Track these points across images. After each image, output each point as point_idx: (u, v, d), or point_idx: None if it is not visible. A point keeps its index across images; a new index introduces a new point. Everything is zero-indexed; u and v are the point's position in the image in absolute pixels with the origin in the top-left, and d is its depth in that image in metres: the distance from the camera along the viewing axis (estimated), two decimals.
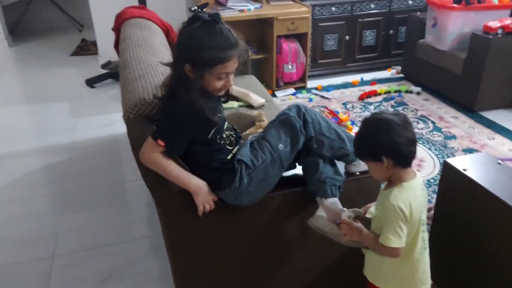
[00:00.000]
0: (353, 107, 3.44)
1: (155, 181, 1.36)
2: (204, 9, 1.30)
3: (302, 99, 3.61)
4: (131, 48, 1.94)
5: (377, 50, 4.10)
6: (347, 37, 3.94)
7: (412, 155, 1.20)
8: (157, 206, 1.44)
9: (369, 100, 3.55)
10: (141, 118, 1.41)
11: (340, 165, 1.51)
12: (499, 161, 1.56)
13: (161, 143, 1.27)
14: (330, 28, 3.87)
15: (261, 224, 1.49)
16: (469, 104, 3.27)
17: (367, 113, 3.31)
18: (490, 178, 1.46)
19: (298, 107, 1.42)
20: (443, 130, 3.04)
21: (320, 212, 1.40)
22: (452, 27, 3.30)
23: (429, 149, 2.80)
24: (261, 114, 2.17)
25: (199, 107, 1.26)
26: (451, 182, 1.58)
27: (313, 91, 3.73)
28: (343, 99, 3.58)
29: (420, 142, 2.88)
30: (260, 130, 2.14)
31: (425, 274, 1.32)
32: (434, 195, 2.25)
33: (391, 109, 3.36)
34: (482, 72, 3.09)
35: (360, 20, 3.92)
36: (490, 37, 3.01)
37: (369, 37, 4.02)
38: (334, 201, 1.41)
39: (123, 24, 2.44)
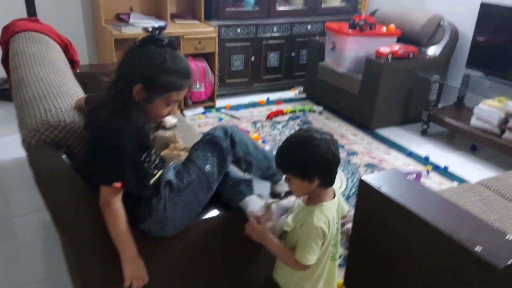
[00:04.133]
0: (262, 126, 3.49)
1: (64, 210, 1.20)
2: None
3: (211, 118, 3.57)
4: (26, 65, 1.72)
5: (281, 71, 4.24)
6: (253, 58, 4.02)
7: (335, 175, 1.23)
8: (67, 242, 1.26)
9: (277, 119, 3.64)
10: (45, 144, 1.24)
11: (265, 186, 1.49)
12: (408, 178, 1.67)
13: (118, 184, 1.16)
14: (236, 49, 3.92)
15: (188, 252, 1.40)
16: (366, 122, 3.52)
17: (276, 132, 3.39)
18: (401, 193, 1.55)
19: (224, 128, 1.39)
20: (345, 147, 3.22)
21: (250, 209, 1.37)
22: (349, 51, 3.55)
23: None
24: (175, 135, 2.08)
25: (142, 128, 1.16)
26: (367, 198, 1.65)
27: (223, 110, 3.72)
28: (252, 118, 3.62)
29: None
30: (176, 152, 2.07)
31: (331, 283, 1.42)
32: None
33: (297, 127, 3.48)
34: (377, 93, 3.37)
35: (264, 42, 4.04)
36: (382, 61, 3.30)
37: (273, 58, 4.15)
38: (251, 199, 1.39)
39: (12, 38, 2.18)
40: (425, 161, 3.05)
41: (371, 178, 1.68)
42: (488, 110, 3.00)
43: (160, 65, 1.19)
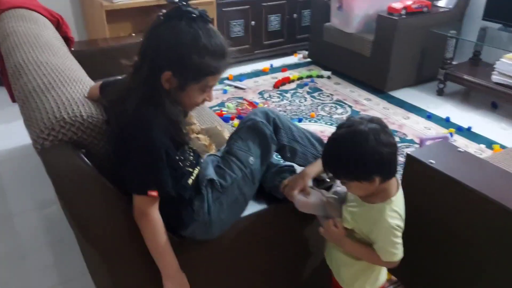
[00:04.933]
0: (270, 96, 3.29)
1: (94, 222, 1.02)
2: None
3: (215, 91, 3.34)
4: (21, 47, 1.49)
5: (283, 35, 4.00)
6: (253, 22, 3.76)
7: (397, 164, 1.08)
8: (98, 256, 1.09)
9: (284, 87, 3.44)
10: (62, 145, 1.04)
11: None
12: (459, 149, 1.52)
13: (154, 193, 0.98)
14: (235, 14, 3.65)
15: (232, 252, 1.25)
16: (379, 85, 3.34)
17: (285, 102, 3.19)
18: (457, 168, 1.40)
19: (265, 111, 1.20)
20: (361, 113, 3.05)
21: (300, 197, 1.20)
22: (358, 9, 3.31)
23: None
24: (190, 116, 1.89)
25: (177, 122, 0.99)
26: (417, 175, 1.50)
27: (226, 81, 3.49)
28: (258, 89, 3.41)
29: None
30: (193, 136, 1.88)
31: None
32: None
33: (307, 96, 3.29)
34: (391, 53, 3.17)
35: (264, 4, 3.77)
36: (396, 18, 3.08)
37: (274, 22, 3.90)
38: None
39: None
40: (446, 123, 2.90)
41: (419, 153, 1.52)
42: (511, 64, 2.83)
43: (193, 45, 0.98)
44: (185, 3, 1.00)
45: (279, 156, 1.30)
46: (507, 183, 1.33)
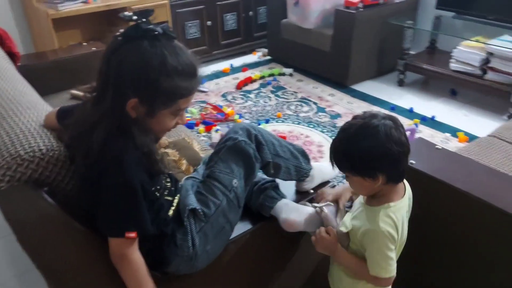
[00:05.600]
0: (233, 98, 3.21)
1: (68, 273, 0.91)
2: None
3: None
4: None
5: (240, 33, 3.91)
6: (209, 22, 3.65)
7: (406, 168, 1.02)
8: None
9: (247, 88, 3.37)
10: (21, 185, 0.92)
11: (289, 185, 1.27)
12: (437, 146, 1.51)
13: (132, 234, 0.88)
14: (190, 15, 3.53)
15: (226, 278, 1.16)
16: (341, 79, 3.34)
17: (250, 103, 3.12)
18: (438, 168, 1.39)
19: (245, 128, 1.12)
20: (326, 110, 3.03)
21: (285, 216, 1.16)
22: (315, 4, 3.28)
23: (322, 132, 2.75)
24: None
25: (150, 152, 0.90)
26: None
27: None
28: (220, 91, 3.31)
29: (311, 126, 2.82)
30: (161, 151, 1.77)
31: None
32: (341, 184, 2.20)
33: (271, 95, 3.23)
34: (350, 47, 3.16)
35: (218, 3, 3.66)
36: (353, 11, 3.08)
37: (230, 20, 3.80)
38: (286, 203, 1.18)
39: None
40: (410, 113, 2.94)
41: None
42: (468, 52, 2.90)
43: (160, 68, 0.88)
44: (144, 20, 0.90)
45: (261, 171, 1.23)
46: (489, 179, 1.33)
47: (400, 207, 1.05)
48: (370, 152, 0.96)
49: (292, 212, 1.15)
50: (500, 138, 1.88)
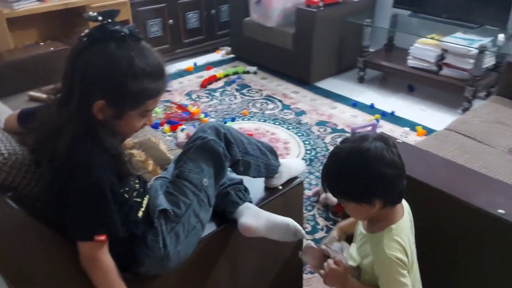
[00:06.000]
0: (198, 96, 3.20)
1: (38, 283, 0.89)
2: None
3: None
4: None
5: (203, 32, 3.89)
6: (171, 21, 3.62)
7: (402, 189, 0.99)
8: None
9: (212, 86, 3.36)
10: None
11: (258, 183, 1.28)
12: (398, 140, 1.57)
13: (101, 237, 0.87)
14: (151, 13, 3.48)
15: (199, 278, 1.17)
16: (304, 77, 3.39)
17: (215, 101, 3.12)
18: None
19: (214, 127, 1.12)
20: (291, 107, 3.07)
21: (243, 220, 1.15)
22: (276, 3, 3.32)
23: (288, 129, 2.79)
24: None
25: (117, 153, 0.90)
26: None
27: None
28: (184, 90, 3.29)
29: (277, 123, 2.85)
30: (127, 151, 1.75)
31: None
32: (312, 176, 2.25)
33: (236, 93, 3.24)
34: (312, 45, 3.22)
35: (180, 1, 3.63)
36: (314, 10, 3.13)
37: (192, 19, 3.78)
38: (248, 207, 1.18)
39: None
40: (371, 109, 3.03)
41: None
42: (424, 49, 3.02)
43: (127, 70, 0.88)
44: (110, 21, 0.89)
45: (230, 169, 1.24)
46: (447, 171, 1.40)
47: (402, 227, 1.02)
48: (363, 178, 0.93)
49: (251, 216, 1.15)
50: (456, 131, 1.97)
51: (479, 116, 2.05)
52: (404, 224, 1.01)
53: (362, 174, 0.92)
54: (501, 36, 2.87)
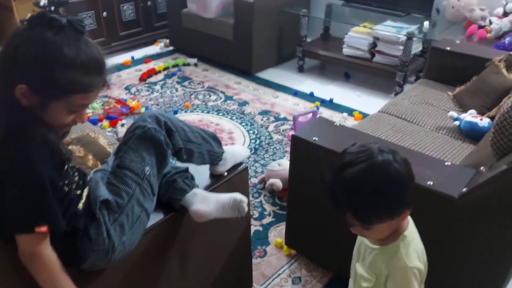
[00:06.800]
0: (138, 90, 3.12)
1: None
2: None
3: None
4: None
5: (140, 24, 3.80)
6: (105, 13, 3.49)
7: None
8: None
9: (151, 79, 3.30)
10: None
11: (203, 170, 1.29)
12: (336, 123, 1.64)
13: (43, 229, 0.85)
14: (83, 5, 3.34)
15: (133, 272, 1.15)
16: (246, 67, 3.42)
17: (156, 94, 3.06)
18: (337, 142, 1.51)
19: (154, 115, 1.11)
20: (234, 98, 3.09)
21: (194, 207, 1.16)
22: None
23: (231, 119, 2.81)
24: None
25: (53, 144, 0.87)
26: (303, 153, 1.58)
27: None
28: (123, 84, 3.20)
29: (221, 114, 2.86)
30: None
31: None
32: (258, 164, 2.29)
33: (178, 85, 3.21)
34: (252, 35, 3.25)
35: None
36: (251, 1, 3.16)
37: (128, 10, 3.67)
38: (195, 193, 1.19)
39: None
40: (311, 97, 3.12)
41: (302, 133, 1.60)
42: (357, 37, 3.15)
43: (55, 58, 0.85)
44: (51, 9, 0.86)
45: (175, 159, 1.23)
46: None
47: (413, 231, 1.00)
48: (396, 192, 0.89)
49: (201, 203, 1.16)
50: (388, 113, 2.09)
51: (408, 98, 2.19)
52: (412, 227, 1.00)
53: (392, 189, 0.88)
54: (426, 23, 3.07)
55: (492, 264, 1.28)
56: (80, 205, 0.98)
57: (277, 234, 1.91)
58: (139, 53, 3.73)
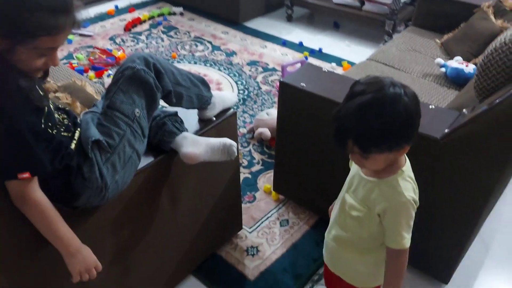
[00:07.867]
0: (123, 40, 3.06)
1: None
2: None
3: None
4: None
5: None
6: None
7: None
8: None
9: (136, 29, 3.22)
10: None
11: (192, 114, 1.30)
12: (324, 69, 1.64)
13: (24, 175, 0.87)
14: None
15: (127, 211, 1.19)
16: (233, 16, 3.35)
17: (142, 45, 3.00)
18: (325, 87, 1.52)
19: (144, 57, 1.10)
20: (221, 48, 3.05)
21: (185, 150, 1.18)
22: None
23: (219, 70, 2.79)
24: None
25: (30, 89, 0.86)
26: (291, 99, 1.59)
27: None
28: (107, 34, 3.13)
29: (208, 64, 2.83)
30: (51, 95, 1.67)
31: None
32: (247, 115, 2.31)
33: (163, 35, 3.14)
34: None
35: None
36: None
37: None
38: (185, 136, 1.20)
39: None
40: (299, 47, 3.09)
41: (290, 79, 1.61)
42: None
43: (20, 0, 0.82)
44: None
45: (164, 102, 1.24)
46: None
47: (409, 166, 1.00)
48: (403, 124, 0.88)
49: (191, 145, 1.18)
50: (376, 60, 2.10)
51: (396, 46, 2.19)
52: (408, 164, 1.01)
53: (398, 122, 0.87)
54: None
55: (471, 198, 1.33)
56: (73, 145, 0.99)
57: (266, 181, 1.96)
58: (122, 2, 3.62)
